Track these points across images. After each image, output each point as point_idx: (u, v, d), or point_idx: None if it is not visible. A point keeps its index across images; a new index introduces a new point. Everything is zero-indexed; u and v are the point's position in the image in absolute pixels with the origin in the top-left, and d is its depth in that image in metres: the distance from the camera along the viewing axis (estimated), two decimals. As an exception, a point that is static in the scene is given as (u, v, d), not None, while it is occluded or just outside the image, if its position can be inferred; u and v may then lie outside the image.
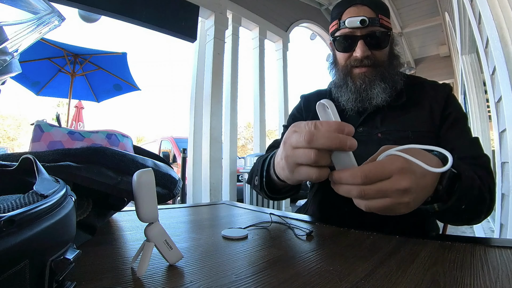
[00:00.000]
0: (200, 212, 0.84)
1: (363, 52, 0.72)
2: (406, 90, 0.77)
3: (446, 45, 5.48)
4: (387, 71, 0.74)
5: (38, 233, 0.20)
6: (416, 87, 0.79)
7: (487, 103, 3.14)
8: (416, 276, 0.33)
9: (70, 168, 0.41)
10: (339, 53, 0.78)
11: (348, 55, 0.75)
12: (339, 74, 0.79)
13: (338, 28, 0.75)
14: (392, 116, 0.76)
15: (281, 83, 4.53)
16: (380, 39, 0.73)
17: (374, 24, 0.71)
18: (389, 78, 0.74)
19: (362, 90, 0.74)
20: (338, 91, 0.79)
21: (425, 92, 0.77)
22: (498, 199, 1.78)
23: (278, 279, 0.33)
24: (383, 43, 0.73)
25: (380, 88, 0.73)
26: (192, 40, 3.45)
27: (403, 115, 0.75)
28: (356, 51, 0.73)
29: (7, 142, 18.77)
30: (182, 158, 3.31)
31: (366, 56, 0.72)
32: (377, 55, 0.74)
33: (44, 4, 0.30)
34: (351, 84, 0.76)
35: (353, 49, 0.73)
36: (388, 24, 0.75)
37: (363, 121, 0.78)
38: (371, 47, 0.73)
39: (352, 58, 0.75)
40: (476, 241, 0.47)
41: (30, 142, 0.56)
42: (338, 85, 0.79)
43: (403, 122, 0.74)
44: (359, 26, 0.71)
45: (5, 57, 0.27)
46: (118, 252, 0.43)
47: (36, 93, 4.55)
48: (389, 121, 0.76)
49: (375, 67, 0.74)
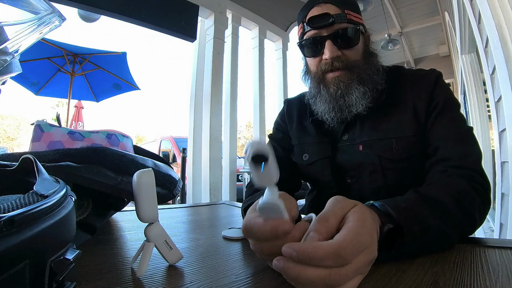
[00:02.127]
0: (200, 212, 0.84)
1: (332, 53, 0.64)
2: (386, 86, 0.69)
3: (446, 45, 5.48)
4: (364, 71, 0.66)
5: (38, 233, 0.20)
6: (397, 82, 0.70)
7: (487, 102, 3.14)
8: (416, 277, 0.33)
9: (70, 168, 0.41)
10: (309, 60, 0.72)
11: (318, 59, 0.68)
12: (312, 83, 0.72)
13: (303, 31, 0.69)
14: (372, 121, 0.68)
15: (281, 82, 4.53)
16: (349, 36, 0.65)
17: (340, 20, 0.64)
18: (367, 79, 0.66)
19: (338, 97, 0.66)
20: (314, 102, 0.72)
21: (408, 87, 0.68)
22: (498, 199, 1.78)
23: (278, 280, 0.33)
24: (354, 40, 0.66)
25: (359, 93, 0.65)
26: (191, 40, 3.45)
27: (385, 119, 0.67)
28: (325, 53, 0.65)
29: (7, 142, 18.76)
30: (182, 158, 3.31)
31: (336, 57, 0.65)
32: (349, 55, 0.66)
33: (44, 4, 0.30)
34: (324, 92, 0.68)
35: (322, 52, 0.66)
36: (358, 19, 0.68)
37: (346, 128, 0.71)
38: (341, 46, 0.65)
39: (323, 62, 0.67)
40: (476, 241, 0.47)
41: (30, 142, 0.56)
42: (313, 95, 0.72)
43: (385, 127, 0.66)
44: (324, 24, 0.64)
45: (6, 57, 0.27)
46: (118, 252, 0.43)
47: (36, 93, 4.54)
48: (370, 127, 0.68)
49: (350, 69, 0.66)
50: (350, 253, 0.28)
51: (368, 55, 0.70)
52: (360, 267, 0.29)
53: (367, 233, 0.31)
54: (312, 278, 0.27)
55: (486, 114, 3.12)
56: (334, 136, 0.74)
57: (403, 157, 0.64)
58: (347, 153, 0.70)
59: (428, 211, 0.42)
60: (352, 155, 0.69)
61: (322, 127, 0.76)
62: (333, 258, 0.27)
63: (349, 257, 0.28)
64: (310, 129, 0.78)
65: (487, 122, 3.09)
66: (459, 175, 0.55)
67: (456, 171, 0.56)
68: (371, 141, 0.67)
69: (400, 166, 0.65)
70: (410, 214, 0.40)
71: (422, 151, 0.64)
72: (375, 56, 0.72)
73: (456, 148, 0.59)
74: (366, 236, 0.31)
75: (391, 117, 0.67)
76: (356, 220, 0.31)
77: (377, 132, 0.67)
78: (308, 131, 0.78)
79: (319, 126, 0.76)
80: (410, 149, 0.64)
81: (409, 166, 0.65)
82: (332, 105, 0.67)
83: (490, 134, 3.10)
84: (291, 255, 0.28)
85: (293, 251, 0.28)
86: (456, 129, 0.62)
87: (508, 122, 1.49)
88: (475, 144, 0.60)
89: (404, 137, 0.64)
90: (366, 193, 0.69)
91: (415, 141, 0.64)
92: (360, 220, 0.32)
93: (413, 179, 0.63)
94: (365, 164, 0.67)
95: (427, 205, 0.43)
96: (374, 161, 0.66)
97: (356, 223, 0.31)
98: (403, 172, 0.65)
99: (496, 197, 1.81)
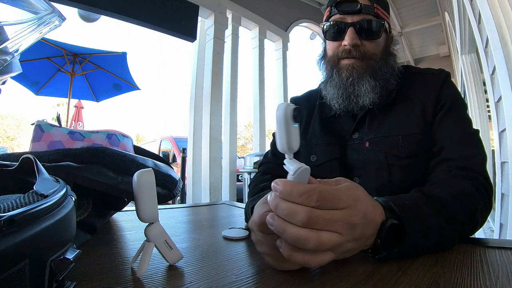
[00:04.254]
0: (200, 212, 0.84)
1: (351, 40, 0.65)
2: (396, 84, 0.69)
3: (446, 45, 5.48)
4: (378, 67, 0.67)
5: (38, 233, 0.20)
6: (407, 81, 0.71)
7: (487, 103, 3.14)
8: (416, 277, 0.33)
9: (70, 168, 0.41)
10: (328, 43, 0.72)
11: (337, 44, 0.69)
12: (326, 67, 0.72)
13: (330, 14, 0.70)
14: (380, 118, 0.68)
15: (281, 82, 4.53)
16: (372, 28, 0.66)
17: (367, 11, 0.66)
18: (380, 75, 0.67)
19: (348, 84, 0.67)
20: (325, 87, 0.72)
21: (417, 86, 0.69)
22: (498, 199, 1.78)
23: (278, 280, 0.33)
24: (375, 33, 0.67)
25: (369, 86, 0.66)
26: (192, 40, 3.45)
27: (393, 116, 0.68)
28: (345, 39, 0.66)
29: (7, 142, 18.76)
30: (182, 158, 3.31)
31: (354, 45, 0.66)
32: (368, 47, 0.67)
33: (44, 4, 0.30)
34: (336, 77, 0.69)
35: (342, 37, 0.67)
36: (384, 16, 0.69)
37: (356, 126, 0.71)
38: (361, 36, 0.66)
39: (341, 49, 0.68)
40: (476, 242, 0.47)
41: (31, 142, 0.56)
42: (325, 80, 0.72)
43: (392, 125, 0.67)
44: (350, 11, 0.66)
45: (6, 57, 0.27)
46: (118, 252, 0.43)
47: (36, 93, 4.54)
48: (377, 124, 0.68)
49: (365, 60, 0.67)
50: (322, 198, 0.31)
51: (387, 54, 0.70)
52: (332, 221, 0.31)
53: (350, 198, 0.33)
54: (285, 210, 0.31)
55: (486, 114, 3.13)
56: (343, 136, 0.73)
57: (409, 155, 0.64)
58: (356, 151, 0.70)
59: (432, 210, 0.42)
60: (360, 153, 0.69)
61: (330, 126, 0.75)
62: (306, 196, 0.31)
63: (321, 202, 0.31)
64: (318, 130, 0.76)
65: (487, 122, 3.09)
66: (463, 176, 0.55)
67: (461, 172, 0.56)
68: (377, 138, 0.67)
69: (405, 164, 0.64)
70: (413, 212, 0.40)
71: (427, 150, 0.64)
72: (394, 57, 0.72)
73: (461, 149, 0.59)
74: (347, 199, 0.32)
75: (398, 114, 0.67)
76: (346, 185, 0.34)
77: (383, 129, 0.67)
78: (316, 131, 0.77)
79: (328, 126, 0.75)
80: (416, 146, 0.64)
81: (414, 164, 0.64)
82: (341, 91, 0.68)
83: (490, 134, 3.10)
84: (275, 188, 0.32)
85: (276, 184, 0.32)
86: (462, 130, 0.62)
87: (508, 122, 1.49)
88: (480, 147, 0.61)
89: (411, 135, 0.65)
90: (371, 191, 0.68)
91: (421, 139, 0.64)
92: (349, 188, 0.34)
93: (417, 178, 0.63)
94: (371, 161, 0.67)
95: (430, 204, 0.43)
96: (380, 158, 0.65)
97: (344, 185, 0.34)
98: (408, 170, 0.65)
99: (496, 198, 1.81)
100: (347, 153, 0.71)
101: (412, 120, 0.66)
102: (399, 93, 0.69)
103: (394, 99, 0.69)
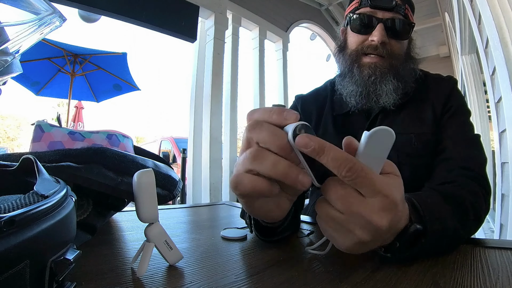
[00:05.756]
0: (200, 212, 0.84)
1: (382, 36, 0.63)
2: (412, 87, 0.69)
3: (446, 46, 5.48)
4: (402, 68, 0.66)
5: (38, 234, 0.20)
6: (420, 84, 0.71)
7: (487, 103, 3.14)
8: (416, 277, 0.33)
9: (71, 168, 0.41)
10: (352, 35, 0.69)
11: (362, 38, 0.67)
12: (345, 60, 0.70)
13: (359, 6, 0.67)
14: (393, 117, 0.68)
15: (281, 83, 4.53)
16: (401, 28, 0.65)
17: (399, 10, 0.64)
18: (402, 77, 0.66)
19: (370, 83, 0.65)
20: (341, 81, 0.70)
21: (428, 88, 0.70)
22: (498, 200, 1.78)
23: (278, 280, 0.33)
24: (404, 34, 0.66)
25: (393, 86, 0.64)
26: (192, 40, 3.45)
27: (405, 115, 0.68)
28: (374, 34, 0.64)
29: (7, 142, 18.76)
30: (182, 158, 3.31)
31: (383, 43, 0.64)
32: (395, 46, 0.66)
33: (45, 5, 0.30)
34: (356, 73, 0.66)
35: (370, 33, 0.65)
36: (412, 19, 0.68)
37: (370, 125, 0.70)
38: (389, 34, 0.65)
39: (366, 44, 0.66)
40: (476, 242, 0.47)
41: (31, 142, 0.56)
42: (343, 74, 0.70)
43: (406, 124, 0.67)
44: (384, 7, 0.64)
45: (6, 58, 0.27)
46: (118, 253, 0.43)
47: (36, 93, 4.55)
48: (389, 123, 0.67)
49: (390, 60, 0.65)
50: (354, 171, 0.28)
51: (409, 57, 0.70)
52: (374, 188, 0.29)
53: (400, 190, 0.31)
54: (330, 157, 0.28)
55: (486, 115, 3.12)
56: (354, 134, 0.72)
57: (421, 154, 0.64)
58: None
59: (449, 211, 0.42)
60: None
61: (342, 124, 0.73)
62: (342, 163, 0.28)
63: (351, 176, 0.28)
64: (329, 127, 0.74)
65: (487, 122, 3.09)
66: (468, 176, 0.55)
67: (463, 172, 0.56)
68: None
69: (416, 163, 0.64)
70: (434, 213, 0.38)
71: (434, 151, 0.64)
72: (416, 61, 0.72)
73: (462, 149, 0.60)
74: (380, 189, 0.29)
75: (411, 114, 0.68)
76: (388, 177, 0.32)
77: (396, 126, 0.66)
78: (326, 129, 0.75)
79: (339, 124, 0.74)
80: (427, 146, 0.64)
81: (423, 165, 0.64)
82: (361, 89, 0.66)
83: (490, 134, 3.10)
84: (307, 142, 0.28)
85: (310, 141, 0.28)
86: (465, 133, 0.64)
87: (508, 123, 1.49)
88: (481, 150, 0.62)
89: (424, 134, 0.65)
90: None
91: (432, 140, 0.65)
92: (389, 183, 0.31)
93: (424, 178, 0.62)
94: None
95: (448, 205, 0.43)
96: (391, 155, 0.64)
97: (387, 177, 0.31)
98: (417, 169, 0.64)
99: (496, 198, 1.81)
100: None
101: (424, 120, 0.66)
102: (413, 95, 0.69)
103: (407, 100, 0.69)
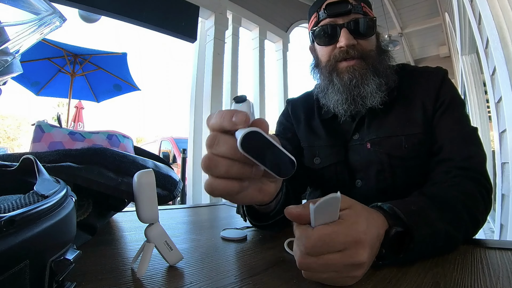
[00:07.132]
0: (200, 213, 0.84)
1: (348, 40, 0.63)
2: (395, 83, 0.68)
3: (446, 46, 5.48)
4: (378, 63, 0.66)
5: (38, 234, 0.20)
6: (405, 79, 0.69)
7: (487, 103, 3.14)
8: (416, 278, 0.33)
9: (71, 168, 0.41)
10: (320, 49, 0.70)
11: (331, 48, 0.67)
12: (323, 74, 0.70)
13: (318, 19, 0.68)
14: (380, 117, 0.67)
15: (281, 83, 4.53)
16: (365, 26, 0.65)
17: (357, 11, 0.65)
18: (382, 72, 0.66)
19: (352, 87, 0.64)
20: (324, 95, 0.70)
21: (416, 84, 0.68)
22: (498, 200, 1.78)
23: (278, 281, 0.33)
24: (369, 30, 0.66)
25: (375, 85, 0.64)
26: (192, 41, 3.45)
27: (393, 116, 0.66)
28: (340, 40, 0.64)
29: (7, 142, 18.76)
30: (182, 159, 3.31)
31: (351, 46, 0.64)
32: (364, 45, 0.66)
33: (45, 5, 0.30)
34: (337, 81, 0.66)
35: (336, 40, 0.65)
36: (371, 14, 0.68)
37: (356, 126, 0.69)
38: (356, 35, 0.65)
39: (336, 51, 0.66)
40: (477, 242, 0.47)
41: (31, 142, 0.56)
42: (323, 87, 0.70)
43: (394, 124, 0.65)
44: (341, 12, 0.64)
45: (7, 58, 0.27)
46: (118, 253, 0.43)
47: (36, 93, 4.55)
48: (378, 124, 0.66)
49: (365, 59, 0.65)
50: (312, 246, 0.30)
51: (380, 51, 0.69)
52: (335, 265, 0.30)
53: (349, 238, 0.31)
54: None
55: (486, 115, 3.12)
56: (344, 137, 0.71)
57: (413, 155, 0.63)
58: (357, 153, 0.68)
59: (438, 214, 0.42)
60: (361, 155, 0.67)
61: (331, 128, 0.73)
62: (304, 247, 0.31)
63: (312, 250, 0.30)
64: (319, 131, 0.74)
65: (488, 123, 3.09)
66: (465, 177, 0.54)
67: (461, 172, 0.55)
68: (379, 138, 0.65)
69: (409, 165, 0.63)
70: (420, 218, 0.39)
71: (429, 149, 0.63)
72: (387, 54, 0.71)
73: (461, 148, 0.59)
74: (346, 239, 0.30)
75: (399, 114, 0.66)
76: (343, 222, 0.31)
77: (385, 129, 0.65)
78: (317, 132, 0.75)
79: (329, 127, 0.73)
80: (419, 147, 0.63)
81: (418, 165, 0.63)
82: (345, 95, 0.65)
83: (491, 135, 3.09)
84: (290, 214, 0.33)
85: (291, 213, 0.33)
86: (461, 129, 0.62)
87: (508, 123, 1.49)
88: (480, 146, 0.60)
89: (414, 135, 0.63)
90: (372, 194, 0.66)
91: (425, 139, 0.63)
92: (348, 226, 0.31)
93: (420, 179, 0.62)
94: (372, 163, 0.65)
95: (436, 208, 0.43)
96: (383, 159, 0.64)
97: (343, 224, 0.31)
98: (412, 171, 0.64)
99: (497, 198, 1.81)
100: (348, 155, 0.70)
101: (414, 120, 0.65)
102: (399, 92, 0.68)
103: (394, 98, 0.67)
